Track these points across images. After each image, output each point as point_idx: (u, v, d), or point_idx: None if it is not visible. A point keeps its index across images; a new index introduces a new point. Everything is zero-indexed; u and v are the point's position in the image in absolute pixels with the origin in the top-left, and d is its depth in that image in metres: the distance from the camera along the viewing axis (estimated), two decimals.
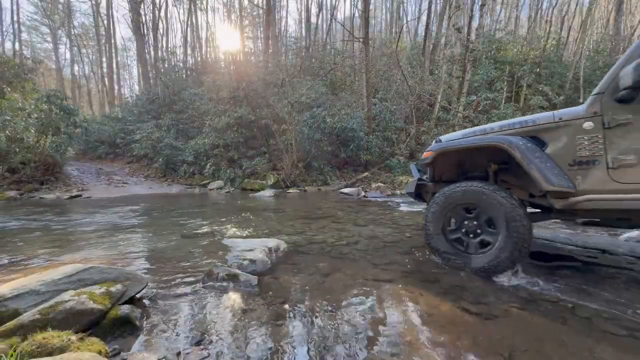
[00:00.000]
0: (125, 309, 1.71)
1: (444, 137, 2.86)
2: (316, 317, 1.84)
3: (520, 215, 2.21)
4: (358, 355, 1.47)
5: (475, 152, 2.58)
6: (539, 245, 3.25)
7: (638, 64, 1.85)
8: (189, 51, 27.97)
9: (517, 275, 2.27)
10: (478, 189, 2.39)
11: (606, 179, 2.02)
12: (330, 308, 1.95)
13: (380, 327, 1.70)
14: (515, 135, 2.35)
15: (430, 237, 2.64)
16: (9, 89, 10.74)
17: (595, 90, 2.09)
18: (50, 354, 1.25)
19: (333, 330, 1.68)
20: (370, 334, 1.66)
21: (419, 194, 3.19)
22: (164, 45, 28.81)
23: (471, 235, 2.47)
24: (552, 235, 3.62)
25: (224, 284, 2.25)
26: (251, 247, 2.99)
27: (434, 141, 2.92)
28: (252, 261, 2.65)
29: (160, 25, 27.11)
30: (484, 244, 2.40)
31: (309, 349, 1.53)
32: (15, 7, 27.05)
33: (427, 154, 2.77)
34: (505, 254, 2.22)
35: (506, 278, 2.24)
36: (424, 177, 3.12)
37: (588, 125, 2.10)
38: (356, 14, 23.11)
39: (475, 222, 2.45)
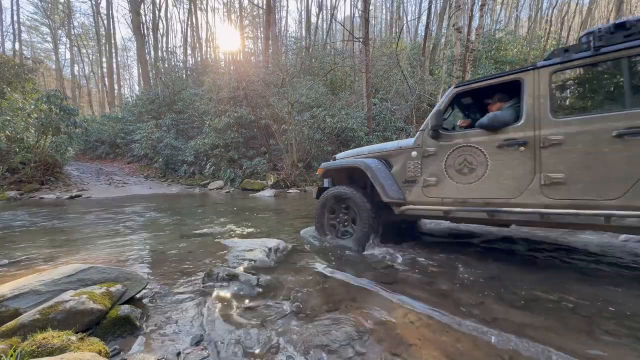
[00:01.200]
0: (125, 309, 1.71)
1: (338, 155, 3.79)
2: (316, 317, 1.84)
3: (369, 210, 3.10)
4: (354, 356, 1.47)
5: (348, 169, 3.51)
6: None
7: (436, 110, 2.75)
8: (189, 51, 27.99)
9: (375, 248, 3.08)
10: (345, 191, 3.27)
11: (420, 193, 2.88)
12: (330, 308, 1.95)
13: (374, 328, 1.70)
14: (375, 158, 3.24)
15: (317, 221, 3.57)
16: (9, 89, 10.73)
17: (422, 127, 2.93)
18: (50, 354, 1.25)
19: (333, 331, 1.68)
20: (371, 336, 1.66)
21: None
22: (164, 45, 28.83)
23: (341, 224, 3.41)
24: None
25: (224, 284, 2.25)
26: (251, 247, 2.99)
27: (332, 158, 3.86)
28: (252, 261, 2.65)
29: (160, 25, 27.13)
30: (347, 232, 3.34)
31: (309, 348, 1.53)
32: (15, 7, 27.08)
33: (319, 170, 3.77)
34: (359, 235, 3.14)
35: (367, 251, 3.07)
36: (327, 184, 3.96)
37: (414, 154, 2.96)
38: (356, 14, 23.12)
39: (345, 216, 3.36)
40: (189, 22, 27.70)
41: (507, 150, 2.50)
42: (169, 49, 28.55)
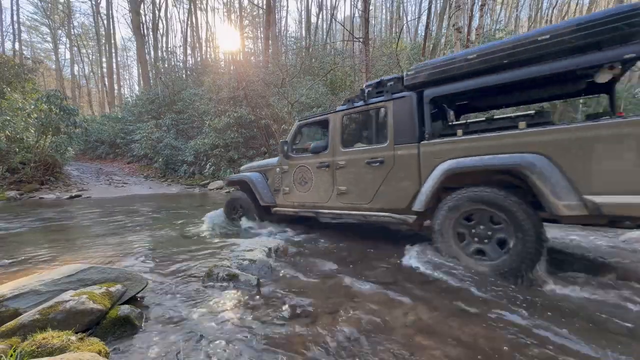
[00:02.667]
0: (125, 309, 1.71)
1: (242, 168, 4.89)
2: (316, 317, 1.84)
3: (255, 208, 4.25)
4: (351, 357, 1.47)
5: (240, 180, 4.50)
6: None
7: (283, 140, 3.93)
8: (189, 51, 27.98)
9: (261, 228, 4.12)
10: (240, 194, 4.44)
11: (282, 199, 4.00)
12: (330, 308, 1.94)
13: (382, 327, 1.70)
14: (258, 172, 4.37)
15: (226, 215, 4.62)
16: (9, 89, 10.72)
17: (285, 150, 3.93)
18: (50, 354, 1.25)
19: (333, 332, 1.68)
20: (373, 338, 1.66)
21: None
22: (164, 45, 28.82)
23: (237, 214, 4.49)
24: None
25: (224, 284, 2.25)
26: (251, 247, 2.99)
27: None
28: (252, 261, 2.65)
29: (160, 26, 27.13)
30: (241, 218, 4.43)
31: (308, 348, 1.53)
32: (15, 7, 27.07)
33: (226, 180, 5.08)
34: (251, 220, 4.26)
35: (256, 230, 4.09)
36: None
37: (277, 170, 4.05)
38: (356, 14, 23.12)
39: (241, 209, 4.45)
40: (189, 22, 27.71)
41: (321, 170, 3.59)
42: (169, 49, 28.55)
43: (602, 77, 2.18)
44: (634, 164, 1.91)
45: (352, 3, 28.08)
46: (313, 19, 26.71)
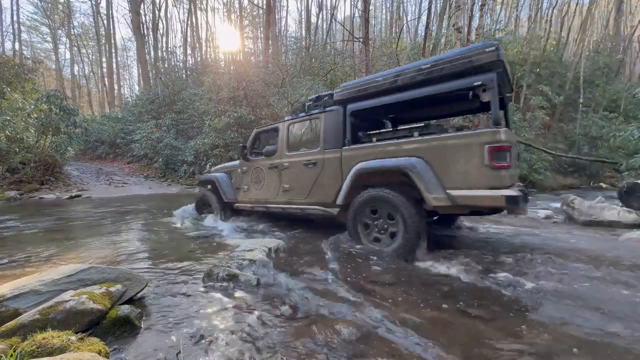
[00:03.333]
0: (125, 309, 1.71)
1: (213, 169, 5.64)
2: (316, 317, 1.84)
3: (219, 203, 4.87)
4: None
5: (209, 180, 5.17)
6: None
7: (242, 145, 4.58)
8: (189, 51, 27.96)
9: (225, 221, 4.73)
10: (206, 193, 5.11)
11: (242, 196, 4.61)
12: (329, 309, 1.94)
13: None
14: (223, 173, 5.01)
15: (197, 210, 5.29)
16: (9, 89, 10.71)
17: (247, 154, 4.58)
18: (50, 354, 1.25)
19: (332, 332, 1.68)
20: (369, 341, 1.66)
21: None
22: (164, 45, 28.80)
23: (206, 208, 5.11)
24: None
25: (224, 284, 2.25)
26: (251, 247, 2.99)
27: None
28: (252, 261, 2.65)
29: (160, 26, 27.11)
30: (210, 212, 5.04)
31: (308, 348, 1.53)
32: (15, 7, 27.03)
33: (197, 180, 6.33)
34: (216, 212, 4.91)
35: (222, 221, 4.75)
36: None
37: (239, 170, 4.67)
38: (356, 14, 23.11)
39: (209, 204, 5.06)
40: (189, 22, 27.68)
41: (272, 170, 4.20)
42: (169, 49, 28.53)
43: (485, 97, 2.69)
44: (473, 166, 2.54)
45: (352, 3, 28.07)
46: (313, 19, 26.71)
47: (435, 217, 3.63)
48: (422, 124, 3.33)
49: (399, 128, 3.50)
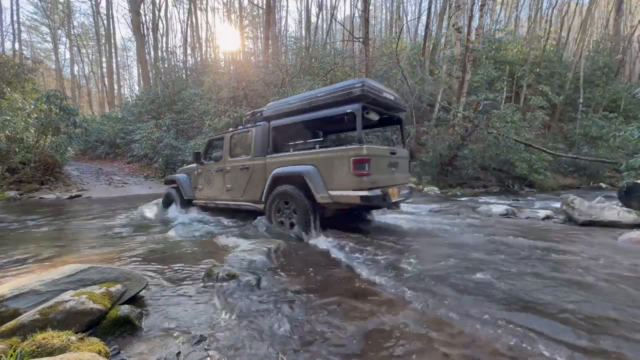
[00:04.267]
0: (125, 309, 1.71)
1: (178, 170, 6.25)
2: (316, 317, 1.84)
3: (181, 199, 5.60)
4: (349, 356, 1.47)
5: (172, 179, 5.99)
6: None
7: (195, 152, 5.35)
8: (189, 51, 27.95)
9: (185, 214, 5.51)
10: (170, 191, 5.89)
11: (198, 194, 5.37)
12: (328, 309, 1.95)
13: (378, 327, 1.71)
14: (184, 173, 5.82)
15: (163, 205, 6.00)
16: (9, 89, 10.71)
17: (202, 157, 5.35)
18: (50, 354, 1.25)
19: (332, 332, 1.68)
20: (369, 341, 1.66)
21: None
22: (164, 45, 28.80)
23: (173, 202, 5.87)
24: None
25: (224, 284, 2.25)
26: (251, 248, 2.99)
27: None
28: (252, 261, 2.65)
29: (160, 26, 27.10)
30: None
31: (307, 348, 1.53)
32: (15, 7, 27.02)
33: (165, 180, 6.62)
34: (178, 207, 5.63)
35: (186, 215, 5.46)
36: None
37: (195, 172, 5.46)
38: (356, 14, 23.10)
39: (172, 202, 5.84)
40: (189, 22, 27.67)
41: (219, 173, 4.96)
42: (169, 49, 28.52)
43: (372, 117, 3.89)
44: (344, 173, 3.40)
45: (352, 3, 28.06)
46: (313, 19, 26.70)
47: (353, 211, 4.53)
48: (321, 139, 4.39)
49: (308, 141, 4.28)
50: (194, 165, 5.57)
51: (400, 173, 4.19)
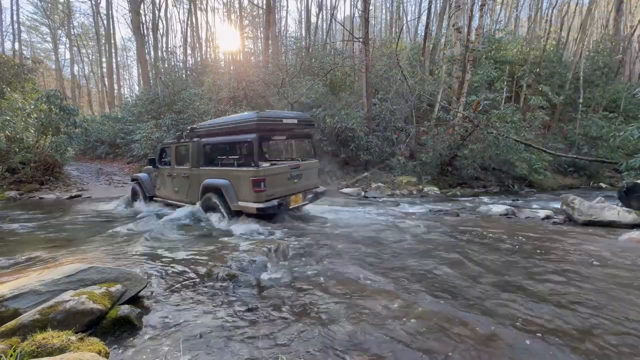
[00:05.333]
0: (125, 309, 1.71)
1: (142, 169, 7.14)
2: (315, 318, 1.84)
3: (145, 194, 6.49)
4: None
5: (135, 178, 6.91)
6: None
7: (150, 158, 6.62)
8: (189, 51, 27.92)
9: (145, 207, 6.45)
10: (135, 186, 6.75)
11: (157, 191, 6.39)
12: (328, 309, 1.94)
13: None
14: (146, 173, 6.71)
15: (131, 199, 6.93)
16: (9, 89, 10.70)
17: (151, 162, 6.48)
18: (50, 354, 1.25)
19: (331, 332, 1.68)
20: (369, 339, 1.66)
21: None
22: (164, 45, 28.77)
23: (137, 201, 6.75)
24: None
25: (224, 283, 2.25)
26: (251, 248, 2.99)
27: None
28: (252, 261, 2.65)
29: (160, 26, 27.07)
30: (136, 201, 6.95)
31: (307, 348, 1.53)
32: (15, 7, 26.99)
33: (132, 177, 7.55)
34: (140, 202, 6.67)
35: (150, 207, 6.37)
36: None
37: (154, 173, 6.39)
38: (356, 14, 23.09)
39: (136, 196, 6.74)
40: (189, 22, 27.64)
41: (169, 177, 5.85)
42: (169, 49, 28.49)
43: (278, 137, 5.36)
44: (246, 189, 4.39)
45: (352, 3, 28.05)
46: (313, 19, 26.65)
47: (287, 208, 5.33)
48: (237, 157, 5.19)
49: (230, 157, 5.06)
50: (150, 167, 6.48)
51: (305, 181, 5.16)
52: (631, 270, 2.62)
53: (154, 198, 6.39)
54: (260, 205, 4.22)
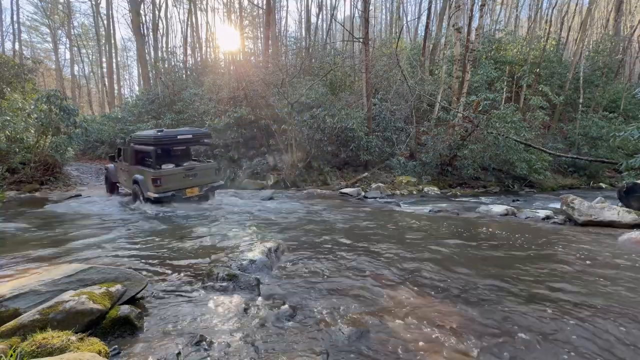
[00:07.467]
0: (125, 309, 1.71)
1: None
2: (315, 318, 1.84)
3: (110, 183, 8.87)
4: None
5: (107, 168, 9.08)
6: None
7: (110, 155, 8.99)
8: (189, 51, 27.89)
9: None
10: (108, 175, 8.94)
11: (119, 181, 8.29)
12: (327, 309, 1.95)
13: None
14: (113, 165, 8.54)
15: (105, 182, 9.42)
16: (9, 89, 10.69)
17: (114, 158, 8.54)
18: (50, 354, 1.25)
19: (331, 332, 1.68)
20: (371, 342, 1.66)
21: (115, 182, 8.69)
22: (164, 45, 28.75)
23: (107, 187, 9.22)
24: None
25: (224, 284, 2.25)
26: (251, 248, 2.99)
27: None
28: (252, 261, 2.65)
29: (160, 26, 27.06)
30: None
31: (307, 348, 1.53)
32: (15, 7, 26.97)
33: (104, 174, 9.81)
34: (108, 188, 9.12)
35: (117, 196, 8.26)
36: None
37: (113, 166, 8.66)
38: (356, 14, 23.09)
39: (107, 185, 9.10)
40: (189, 22, 27.62)
41: (124, 171, 7.51)
42: (169, 49, 28.45)
43: (178, 148, 7.47)
44: (150, 184, 6.25)
45: (352, 3, 28.03)
46: (313, 19, 26.62)
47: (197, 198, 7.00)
48: (149, 160, 6.51)
49: (145, 160, 6.66)
50: (119, 163, 8.01)
51: (201, 178, 6.79)
52: (631, 270, 2.62)
53: (117, 184, 8.39)
54: (157, 195, 6.08)
